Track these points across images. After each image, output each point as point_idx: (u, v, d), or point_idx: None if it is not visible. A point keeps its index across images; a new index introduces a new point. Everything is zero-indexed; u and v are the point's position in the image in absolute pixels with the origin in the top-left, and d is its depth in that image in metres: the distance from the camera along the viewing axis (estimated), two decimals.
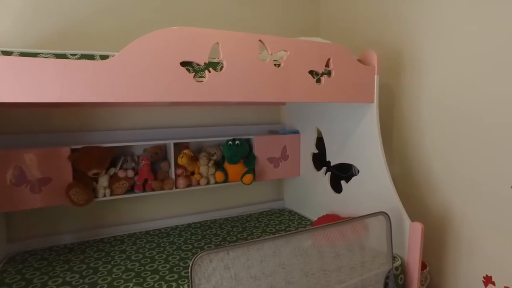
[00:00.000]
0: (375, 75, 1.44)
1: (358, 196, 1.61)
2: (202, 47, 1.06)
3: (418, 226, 1.30)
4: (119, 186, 1.57)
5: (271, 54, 1.19)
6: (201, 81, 1.08)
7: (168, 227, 1.83)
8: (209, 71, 1.09)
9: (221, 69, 1.11)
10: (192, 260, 0.86)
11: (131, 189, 1.64)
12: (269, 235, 1.72)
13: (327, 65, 1.33)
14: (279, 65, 1.22)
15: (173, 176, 1.70)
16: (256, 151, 1.88)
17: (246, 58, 1.14)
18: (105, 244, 1.60)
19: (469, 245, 1.47)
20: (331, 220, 1.65)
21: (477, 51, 1.39)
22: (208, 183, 1.80)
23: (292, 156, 2.02)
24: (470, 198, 1.46)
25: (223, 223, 1.90)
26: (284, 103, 2.16)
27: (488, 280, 1.42)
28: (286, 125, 2.19)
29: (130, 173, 1.62)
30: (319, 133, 1.90)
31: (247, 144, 1.85)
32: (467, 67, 1.43)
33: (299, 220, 1.96)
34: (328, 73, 1.34)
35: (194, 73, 1.07)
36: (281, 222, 1.93)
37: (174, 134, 1.83)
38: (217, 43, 1.09)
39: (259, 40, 1.16)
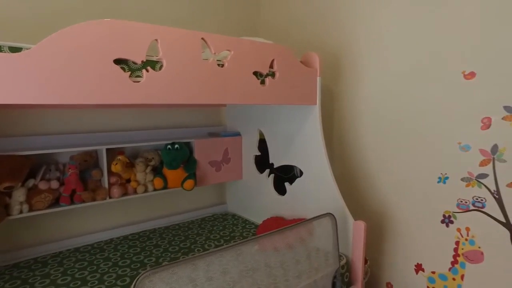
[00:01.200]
0: (317, 77, 1.47)
1: (302, 198, 1.62)
2: (139, 43, 0.96)
3: (361, 225, 1.35)
4: (40, 200, 1.36)
5: (214, 53, 1.13)
6: (138, 81, 0.97)
7: (101, 241, 1.65)
8: (147, 71, 0.99)
9: (160, 68, 1.01)
10: (134, 283, 0.76)
11: (56, 202, 1.44)
12: (213, 242, 1.66)
13: (271, 66, 1.31)
14: (222, 65, 1.16)
15: (106, 185, 1.53)
16: (197, 155, 1.80)
17: (187, 57, 1.06)
18: (22, 269, 1.37)
19: (403, 237, 1.58)
20: (276, 223, 1.64)
21: (408, 58, 1.50)
22: (146, 190, 1.67)
23: (234, 159, 1.98)
24: (403, 195, 1.56)
25: (164, 232, 1.78)
26: (224, 105, 2.10)
27: (418, 267, 1.54)
28: (227, 127, 2.14)
29: (54, 184, 1.42)
30: (261, 135, 1.89)
31: (187, 148, 1.76)
32: (399, 72, 1.54)
33: (243, 224, 1.92)
34: (272, 75, 1.32)
35: (129, 72, 0.96)
36: (225, 227, 1.88)
37: (107, 139, 1.66)
38: (156, 39, 1.00)
39: (202, 38, 1.09)
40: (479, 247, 1.34)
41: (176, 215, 1.98)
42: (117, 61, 0.93)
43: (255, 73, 1.26)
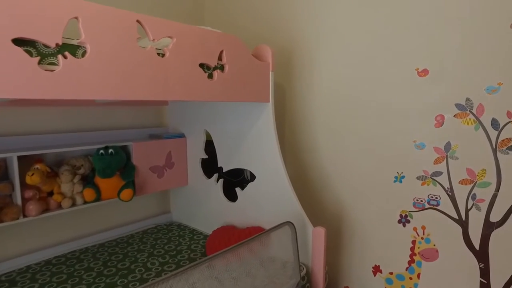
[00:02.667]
0: (270, 72, 1.35)
1: (255, 204, 1.49)
2: (52, 21, 0.75)
3: (321, 231, 1.26)
4: None
5: (153, 40, 0.95)
6: (52, 70, 0.76)
7: (13, 272, 1.35)
8: (65, 57, 0.77)
9: (82, 55, 0.81)
10: None
11: None
12: (157, 259, 1.45)
13: (219, 58, 1.16)
14: (163, 55, 0.98)
15: (19, 201, 1.25)
16: (136, 160, 1.57)
17: (118, 43, 0.87)
18: None
19: (360, 239, 1.53)
20: (227, 233, 1.49)
21: (361, 55, 1.45)
22: (73, 204, 1.41)
23: (178, 163, 1.78)
24: (360, 195, 1.51)
25: (98, 251, 1.53)
26: (166, 103, 1.90)
27: (376, 269, 1.50)
28: (169, 128, 1.93)
29: None
30: (208, 136, 1.72)
31: (124, 153, 1.53)
32: (353, 69, 1.48)
33: (191, 235, 1.74)
34: (221, 68, 1.17)
35: (39, 57, 0.74)
36: (170, 240, 1.67)
37: (19, 144, 1.37)
38: (76, 17, 0.79)
39: (137, 21, 0.90)
40: (434, 245, 1.34)
41: (113, 230, 1.73)
42: (19, 42, 0.70)
43: (202, 66, 1.10)
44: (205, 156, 1.74)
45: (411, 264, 1.40)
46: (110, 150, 1.46)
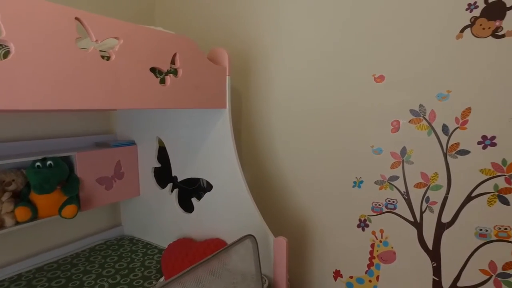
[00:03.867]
0: (227, 77, 1.28)
1: (213, 214, 1.42)
2: None
3: (283, 241, 1.21)
4: None
5: (96, 41, 0.84)
6: None
7: None
8: None
9: (5, 55, 0.68)
10: None
11: None
12: (106, 281, 1.32)
13: (172, 61, 1.07)
14: (108, 58, 0.88)
15: None
16: (80, 171, 1.42)
17: (53, 43, 0.75)
18: None
19: (321, 246, 1.52)
20: (184, 246, 1.40)
21: (319, 59, 1.44)
22: (2, 226, 1.23)
23: (128, 173, 1.65)
24: (319, 201, 1.50)
25: (34, 278, 1.35)
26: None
27: (337, 274, 1.50)
28: (118, 135, 1.78)
29: None
30: (161, 143, 1.61)
31: (65, 164, 1.37)
32: (310, 74, 1.47)
33: (144, 250, 1.61)
34: (174, 72, 1.08)
35: None
36: (122, 256, 1.54)
37: None
38: None
39: (76, 19, 0.79)
40: (392, 247, 1.36)
41: (54, 250, 1.55)
42: None
43: (153, 70, 1.01)
44: (158, 165, 1.62)
45: (370, 267, 1.41)
46: (48, 162, 1.30)
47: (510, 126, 1.11)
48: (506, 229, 1.15)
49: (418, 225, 1.30)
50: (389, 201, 1.34)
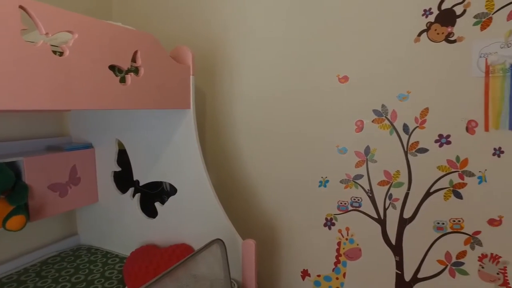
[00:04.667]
0: (191, 76, 1.24)
1: (178, 219, 1.36)
2: None
3: (251, 244, 1.19)
4: None
5: (47, 34, 0.76)
6: None
7: None
8: None
9: None
10: None
11: None
12: None
13: (133, 59, 1.01)
14: (61, 54, 0.80)
15: None
16: (28, 178, 1.30)
17: None
18: None
19: (288, 246, 1.52)
20: (148, 253, 1.33)
21: (284, 58, 1.44)
22: None
23: (85, 179, 1.54)
24: (286, 202, 1.50)
25: None
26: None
27: (305, 273, 1.51)
28: (73, 138, 1.66)
29: None
30: (120, 145, 1.52)
31: (10, 170, 1.24)
32: (275, 74, 1.46)
33: (104, 259, 1.51)
34: (136, 71, 1.02)
35: None
36: (79, 268, 1.43)
37: None
38: None
39: (20, 7, 0.71)
40: (358, 244, 1.39)
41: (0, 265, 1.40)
42: None
43: (112, 68, 0.94)
44: (118, 169, 1.53)
45: (337, 265, 1.44)
46: None
47: (462, 125, 1.18)
48: (459, 221, 1.22)
49: (382, 221, 1.34)
50: (354, 199, 1.37)
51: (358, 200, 1.36)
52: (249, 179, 1.57)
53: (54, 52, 0.78)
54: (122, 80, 0.98)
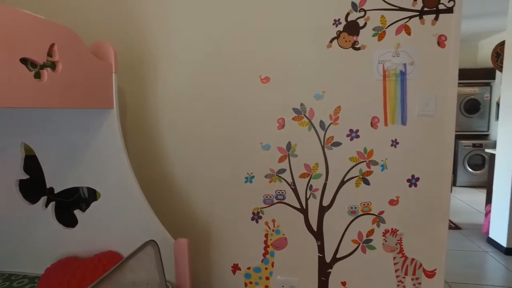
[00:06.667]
0: (113, 74, 1.18)
1: (104, 225, 1.28)
2: None
3: (184, 242, 1.19)
4: None
5: None
6: None
7: None
8: None
9: None
10: None
11: None
12: None
13: (49, 53, 0.92)
14: None
15: None
16: None
17: None
18: None
19: (218, 242, 1.55)
20: (68, 266, 1.22)
21: (206, 59, 1.46)
22: None
23: None
24: (214, 200, 1.53)
25: None
26: None
27: (235, 267, 1.55)
28: None
29: None
30: (28, 150, 1.36)
31: None
32: (199, 73, 1.47)
33: (7, 284, 1.32)
34: (52, 66, 0.94)
35: None
36: None
37: None
38: None
39: None
40: (284, 234, 1.50)
41: None
42: None
43: (25, 62, 0.85)
44: (26, 176, 1.36)
45: (265, 255, 1.52)
46: None
47: (367, 121, 1.37)
48: (368, 204, 1.42)
49: (304, 211, 1.46)
50: (279, 192, 1.47)
51: (282, 192, 1.47)
52: (176, 179, 1.55)
53: None
54: (37, 76, 0.89)
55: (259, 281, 1.54)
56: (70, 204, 1.47)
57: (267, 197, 1.48)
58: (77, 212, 1.31)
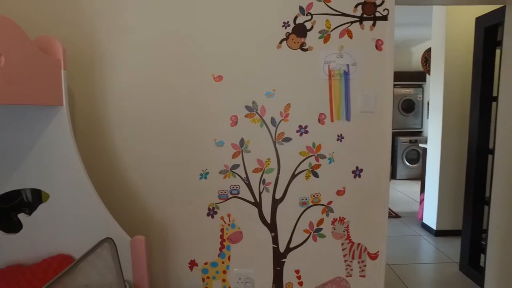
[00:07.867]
0: (62, 70, 1.14)
1: (52, 228, 1.22)
2: None
3: (141, 239, 1.18)
4: None
5: None
6: None
7: None
8: None
9: None
10: None
11: None
12: None
13: None
14: None
15: None
16: None
17: None
18: None
19: (174, 240, 1.55)
20: (12, 274, 1.15)
21: (159, 56, 1.46)
22: None
23: None
24: (168, 197, 1.52)
25: None
26: None
27: (192, 263, 1.57)
28: None
29: None
30: None
31: None
32: (151, 71, 1.47)
33: None
34: None
35: None
36: None
37: None
38: None
39: None
40: (239, 228, 1.54)
41: None
42: None
43: None
44: None
45: (222, 250, 1.55)
46: None
47: (315, 118, 1.47)
48: (318, 195, 1.52)
49: (258, 204, 1.53)
50: (233, 187, 1.51)
51: (237, 187, 1.51)
52: (131, 177, 1.52)
53: None
54: None
55: (216, 276, 1.57)
56: (10, 209, 1.38)
57: (222, 192, 1.52)
58: (21, 216, 1.24)
